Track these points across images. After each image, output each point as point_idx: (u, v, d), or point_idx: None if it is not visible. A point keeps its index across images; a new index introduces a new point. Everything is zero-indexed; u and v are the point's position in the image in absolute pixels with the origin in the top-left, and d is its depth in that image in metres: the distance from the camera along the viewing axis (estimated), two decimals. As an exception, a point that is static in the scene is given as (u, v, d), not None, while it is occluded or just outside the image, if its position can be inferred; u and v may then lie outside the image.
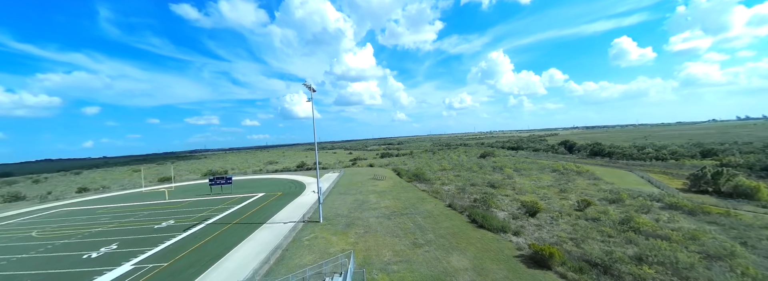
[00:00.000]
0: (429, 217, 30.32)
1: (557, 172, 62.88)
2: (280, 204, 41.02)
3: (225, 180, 52.86)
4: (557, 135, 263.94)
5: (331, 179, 61.83)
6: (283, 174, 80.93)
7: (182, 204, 46.22)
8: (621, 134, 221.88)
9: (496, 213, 33.01)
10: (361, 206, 36.70)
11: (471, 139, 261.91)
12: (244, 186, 60.40)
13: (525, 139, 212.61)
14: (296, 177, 69.26)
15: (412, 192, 44.60)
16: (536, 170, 66.17)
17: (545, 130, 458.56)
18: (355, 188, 49.89)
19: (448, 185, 51.33)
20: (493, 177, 56.49)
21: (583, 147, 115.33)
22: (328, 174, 70.28)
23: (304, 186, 56.59)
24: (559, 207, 35.34)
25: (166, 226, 34.59)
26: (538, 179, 55.61)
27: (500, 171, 65.29)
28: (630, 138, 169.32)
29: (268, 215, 35.36)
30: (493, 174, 61.46)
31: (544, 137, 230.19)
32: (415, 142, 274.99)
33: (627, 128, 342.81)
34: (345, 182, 57.42)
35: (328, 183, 55.82)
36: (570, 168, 65.83)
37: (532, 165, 73.32)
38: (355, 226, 28.46)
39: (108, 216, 42.70)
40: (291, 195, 46.93)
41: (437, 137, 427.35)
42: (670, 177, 56.81)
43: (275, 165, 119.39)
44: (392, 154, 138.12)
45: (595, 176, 56.69)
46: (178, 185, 73.63)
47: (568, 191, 44.06)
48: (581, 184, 50.09)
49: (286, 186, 57.67)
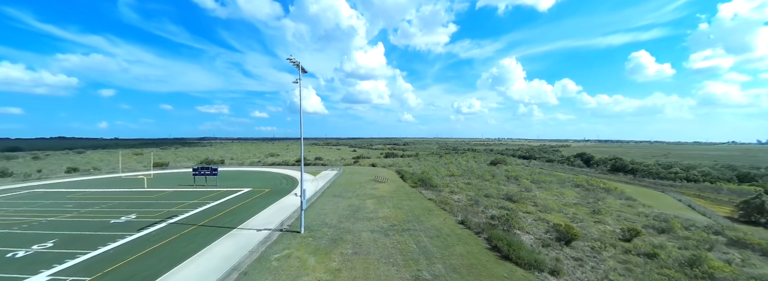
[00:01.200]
0: (437, 237, 23.82)
1: (581, 188, 55.47)
2: (262, 204, 35.07)
3: (210, 170, 47.25)
4: (569, 146, 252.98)
5: (328, 178, 55.73)
6: (279, 168, 75.32)
7: (156, 195, 40.75)
8: (638, 150, 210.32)
9: (520, 237, 26.36)
10: (355, 214, 30.39)
11: (479, 145, 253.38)
12: (233, 179, 54.84)
13: (536, 148, 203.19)
14: (291, 173, 63.47)
15: (416, 200, 38.09)
16: (556, 183, 58.85)
17: (555, 140, 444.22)
18: (351, 190, 43.65)
19: (458, 194, 44.64)
20: (509, 189, 49.50)
21: (602, 161, 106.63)
22: (325, 172, 64.27)
23: (296, 183, 50.62)
24: (597, 234, 28.40)
25: (124, 222, 28.98)
26: (560, 194, 48.41)
27: (516, 182, 58.18)
28: (648, 154, 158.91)
29: (243, 217, 29.39)
30: (508, 185, 54.43)
31: (556, 148, 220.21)
32: (421, 144, 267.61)
33: (642, 144, 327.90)
34: (342, 182, 51.24)
35: (322, 182, 49.72)
36: (595, 184, 58.26)
37: (550, 177, 65.86)
38: (342, 242, 22.18)
39: (73, 202, 37.48)
40: (278, 194, 40.98)
41: (443, 140, 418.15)
42: (710, 202, 49.32)
43: (275, 158, 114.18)
44: (397, 155, 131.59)
45: (627, 195, 49.21)
46: (169, 172, 68.70)
47: (601, 212, 36.90)
48: (613, 205, 42.81)
49: (277, 182, 51.81)
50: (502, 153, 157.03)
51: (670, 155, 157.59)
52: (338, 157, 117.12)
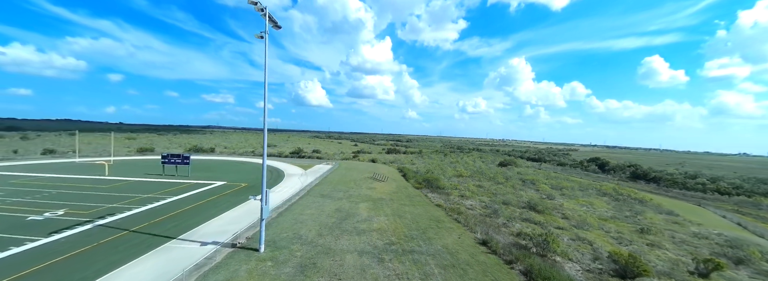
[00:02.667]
0: (453, 267, 16.56)
1: (609, 197, 47.81)
2: (228, 204, 28.06)
3: (181, 159, 40.38)
4: (577, 150, 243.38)
5: (319, 173, 48.58)
6: (271, 159, 68.43)
7: (111, 185, 33.95)
8: (650, 157, 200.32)
9: (562, 265, 19.10)
10: (342, 223, 23.20)
11: (484, 145, 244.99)
12: (211, 169, 47.95)
13: (544, 151, 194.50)
14: (281, 165, 56.45)
15: (421, 205, 30.79)
16: (578, 190, 51.22)
17: (561, 143, 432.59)
18: (344, 189, 36.46)
19: (470, 199, 37.27)
20: (529, 195, 42.03)
21: (619, 167, 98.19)
22: (318, 166, 57.15)
23: (281, 177, 43.59)
24: (661, 264, 20.98)
25: (43, 219, 22.14)
26: (589, 204, 40.85)
27: (533, 187, 50.62)
28: (662, 163, 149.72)
29: (194, 222, 22.38)
30: (525, 190, 46.93)
31: (564, 151, 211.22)
32: (425, 142, 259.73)
33: (652, 151, 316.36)
34: (335, 178, 44.06)
35: (311, 178, 42.56)
36: (625, 193, 50.49)
37: (569, 182, 58.11)
38: (313, 272, 15.01)
39: (9, 189, 30.84)
40: (255, 190, 33.92)
41: (447, 139, 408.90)
42: (754, 218, 42.21)
43: (270, 149, 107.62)
44: (399, 151, 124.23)
45: (666, 209, 41.51)
46: (144, 159, 62.05)
47: (651, 231, 29.35)
48: (656, 220, 35.32)
49: (259, 175, 44.70)
50: (509, 154, 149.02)
51: (685, 164, 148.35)
52: (337, 151, 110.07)
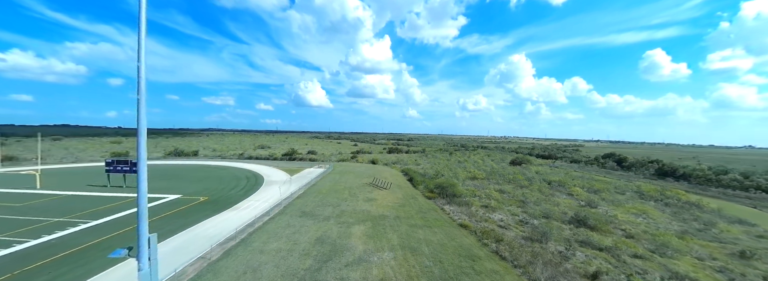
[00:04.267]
0: None
1: (658, 201, 39.31)
2: (168, 231, 19.62)
3: (129, 166, 32.00)
4: (583, 146, 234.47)
5: (308, 178, 40.09)
6: (257, 163, 60.07)
7: (28, 203, 25.54)
8: (658, 152, 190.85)
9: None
10: (322, 270, 14.69)
11: (487, 142, 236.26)
12: (176, 178, 39.49)
13: (552, 147, 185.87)
14: (264, 170, 48.05)
15: (440, 226, 22.30)
16: (616, 193, 42.77)
17: (563, 140, 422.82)
18: (334, 202, 27.99)
19: (498, 211, 28.79)
20: (565, 203, 33.58)
21: (640, 163, 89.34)
22: (309, 170, 48.68)
23: (258, 185, 35.11)
24: None
25: None
26: (643, 214, 32.35)
27: (562, 190, 42.15)
28: (675, 157, 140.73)
29: (79, 274, 13.97)
30: (556, 195, 38.48)
31: (570, 147, 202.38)
32: (426, 140, 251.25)
33: (657, 146, 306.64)
34: (325, 186, 35.51)
35: (294, 187, 34.03)
36: (673, 195, 41.96)
37: (601, 183, 49.55)
38: None
39: None
40: (214, 207, 25.45)
41: (449, 137, 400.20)
42: None
43: (262, 151, 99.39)
44: (401, 150, 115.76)
45: (734, 216, 32.99)
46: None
47: (756, 255, 20.86)
48: (735, 233, 26.92)
49: (231, 184, 36.20)
50: (517, 151, 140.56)
51: (700, 158, 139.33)
52: (335, 152, 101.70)
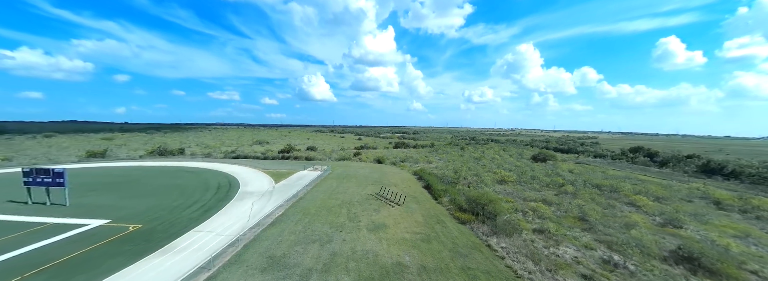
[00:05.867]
0: None
1: (743, 213, 29.53)
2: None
3: (52, 177, 23.39)
4: (597, 138, 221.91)
5: (296, 187, 31.15)
6: (244, 163, 51.49)
7: None
8: (679, 144, 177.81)
9: None
10: None
11: (495, 135, 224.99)
12: (122, 189, 30.77)
13: (566, 140, 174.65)
14: (245, 174, 39.32)
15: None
16: (685, 201, 33.08)
17: (572, 131, 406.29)
18: (323, 234, 18.93)
19: (563, 242, 19.55)
20: (637, 220, 24.16)
21: (677, 158, 78.41)
22: (301, 173, 39.77)
23: (228, 199, 26.27)
24: None
25: None
26: (746, 235, 22.76)
27: (620, 199, 32.53)
28: (700, 150, 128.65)
29: None
30: (616, 206, 28.99)
31: (586, 139, 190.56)
32: (432, 133, 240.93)
33: (672, 137, 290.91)
34: (316, 202, 26.39)
35: (274, 202, 25.06)
36: (758, 205, 32.05)
37: (656, 186, 39.69)
38: None
39: None
40: (137, 248, 16.65)
41: (455, 130, 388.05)
42: None
43: (259, 147, 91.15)
44: (408, 145, 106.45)
45: None
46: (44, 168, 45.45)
47: None
48: None
49: (192, 197, 27.32)
50: (530, 144, 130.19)
51: (726, 151, 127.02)
52: (337, 147, 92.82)
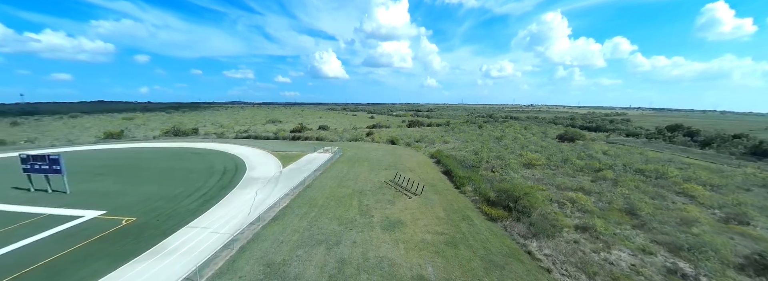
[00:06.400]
0: None
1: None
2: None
3: (48, 163, 22.06)
4: (626, 115, 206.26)
5: (305, 172, 28.87)
6: (255, 143, 49.92)
7: None
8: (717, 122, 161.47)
9: None
10: None
11: (515, 112, 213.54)
12: (129, 174, 29.67)
13: (592, 117, 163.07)
14: (254, 157, 37.52)
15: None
16: (742, 190, 28.17)
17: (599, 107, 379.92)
18: (330, 233, 16.49)
19: (615, 245, 16.24)
20: (693, 215, 20.15)
21: (722, 138, 69.87)
22: (312, 155, 37.48)
23: (231, 186, 24.36)
24: None
25: None
26: None
27: (663, 185, 28.15)
28: (744, 128, 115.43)
29: None
30: (665, 196, 24.86)
31: (613, 116, 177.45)
32: (447, 110, 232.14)
33: (709, 114, 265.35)
34: (324, 191, 23.95)
35: (279, 191, 22.87)
36: None
37: (705, 173, 34.43)
38: None
39: None
40: (124, 249, 14.84)
41: (471, 107, 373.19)
42: None
43: (272, 126, 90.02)
44: (423, 123, 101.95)
45: None
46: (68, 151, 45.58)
47: None
48: None
49: (194, 184, 25.61)
50: (554, 122, 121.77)
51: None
52: (349, 126, 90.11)
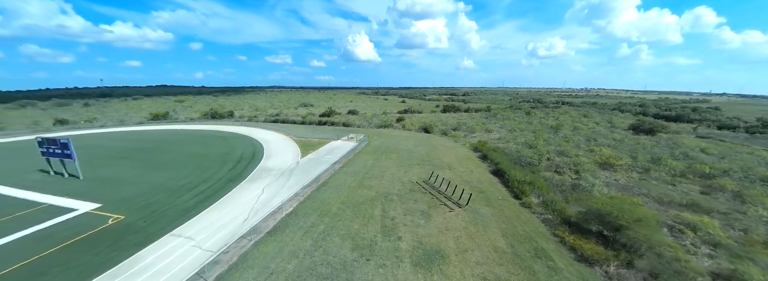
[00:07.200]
0: None
1: None
2: None
3: (60, 148, 20.83)
4: (708, 101, 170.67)
5: (323, 164, 24.80)
6: (281, 128, 47.65)
7: None
8: None
9: None
10: None
11: (566, 97, 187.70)
12: (147, 158, 28.21)
13: (666, 103, 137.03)
14: (275, 143, 34.61)
15: None
16: None
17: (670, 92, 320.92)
18: (340, 274, 12.14)
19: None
20: None
21: None
22: (335, 143, 33.46)
23: (241, 178, 21.18)
24: None
25: None
26: None
27: None
28: None
29: None
30: None
31: (694, 103, 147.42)
32: (485, 94, 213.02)
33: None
34: (341, 193, 19.48)
35: (289, 190, 19.01)
36: None
37: None
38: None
39: None
40: (92, 262, 11.97)
41: (513, 90, 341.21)
42: None
43: (303, 110, 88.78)
44: (459, 108, 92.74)
45: None
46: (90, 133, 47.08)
47: None
48: None
49: (203, 174, 22.83)
50: (619, 109, 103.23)
51: None
52: (379, 111, 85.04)
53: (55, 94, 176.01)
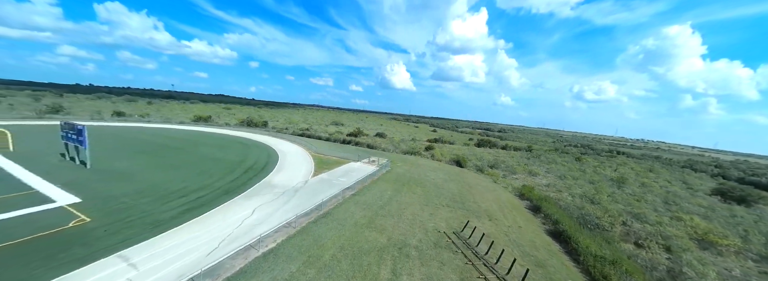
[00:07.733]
0: None
1: None
2: None
3: (75, 134, 20.43)
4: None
5: (333, 188, 21.07)
6: (304, 142, 46.26)
7: None
8: None
9: None
10: None
11: (620, 145, 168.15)
12: (161, 155, 27.36)
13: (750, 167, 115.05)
14: (292, 156, 32.34)
15: None
16: None
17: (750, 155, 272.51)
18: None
19: None
20: None
21: None
22: (353, 165, 30.13)
23: (237, 192, 18.31)
24: None
25: None
26: None
27: None
28: None
29: None
30: None
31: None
32: (524, 134, 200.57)
33: None
34: (339, 237, 15.69)
35: (281, 217, 15.47)
36: None
37: None
38: None
39: None
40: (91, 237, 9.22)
41: (556, 132, 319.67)
42: None
43: (333, 128, 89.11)
44: (496, 144, 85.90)
45: None
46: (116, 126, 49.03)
47: None
48: None
49: (205, 181, 20.60)
50: (691, 167, 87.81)
51: None
52: (408, 137, 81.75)
53: (130, 91, 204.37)
